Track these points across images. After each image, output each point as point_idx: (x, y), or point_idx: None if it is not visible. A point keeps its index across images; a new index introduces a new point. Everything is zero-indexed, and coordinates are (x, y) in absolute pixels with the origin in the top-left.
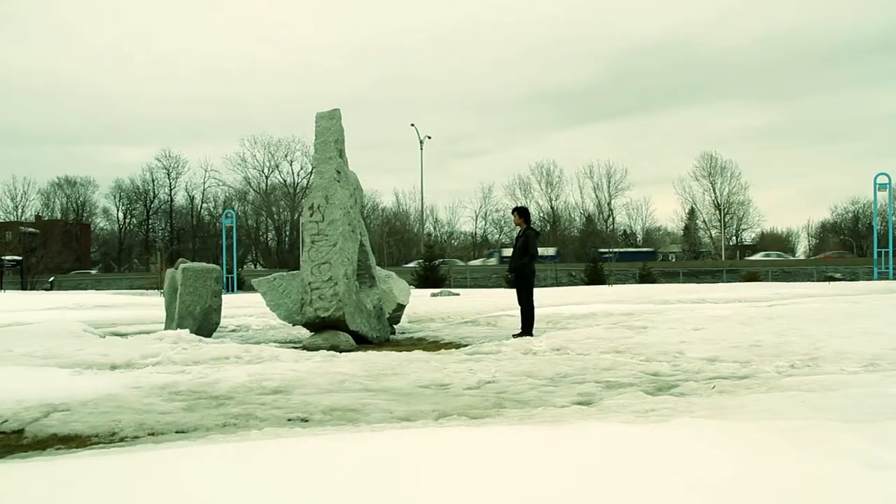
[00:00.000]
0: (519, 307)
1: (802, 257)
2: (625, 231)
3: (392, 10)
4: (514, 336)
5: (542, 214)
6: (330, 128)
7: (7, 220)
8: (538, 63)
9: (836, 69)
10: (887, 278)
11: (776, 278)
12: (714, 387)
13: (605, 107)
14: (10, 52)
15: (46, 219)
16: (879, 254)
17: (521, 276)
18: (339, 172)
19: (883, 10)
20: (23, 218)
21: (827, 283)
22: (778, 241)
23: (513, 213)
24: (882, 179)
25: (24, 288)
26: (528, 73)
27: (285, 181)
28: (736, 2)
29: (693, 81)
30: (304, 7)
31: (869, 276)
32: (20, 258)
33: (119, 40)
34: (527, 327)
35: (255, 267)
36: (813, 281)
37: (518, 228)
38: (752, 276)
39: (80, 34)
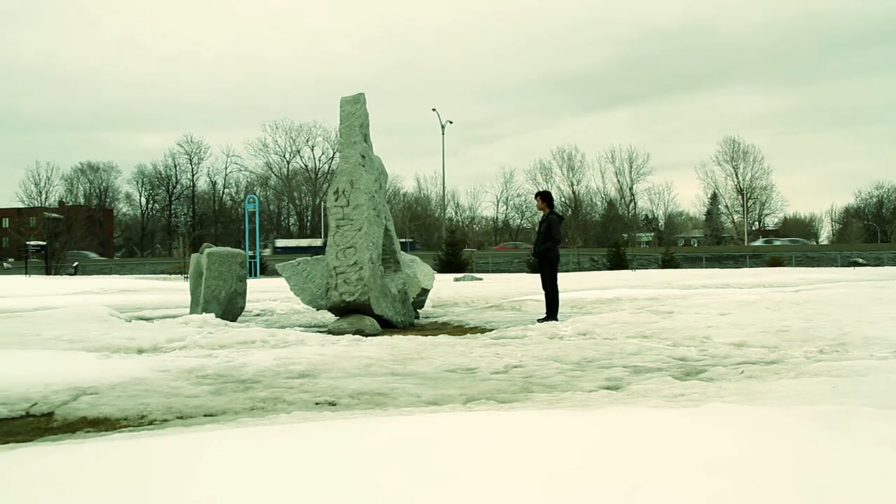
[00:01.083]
0: (543, 291)
1: (826, 242)
2: (646, 216)
3: None
4: (539, 321)
5: (563, 199)
6: (355, 112)
7: (31, 205)
8: (555, 49)
9: (857, 53)
10: None
11: (800, 263)
12: (743, 372)
13: (623, 92)
14: (30, 41)
15: (70, 204)
16: None
17: (546, 260)
18: (363, 157)
19: None
20: (46, 203)
21: (852, 268)
22: (801, 227)
23: (535, 197)
24: None
25: (48, 273)
26: (545, 58)
27: (307, 166)
28: None
29: (712, 66)
30: None
31: (893, 262)
32: (44, 243)
33: (136, 29)
34: (551, 312)
35: (274, 252)
36: (837, 266)
37: (541, 213)
38: (776, 262)
39: (98, 23)
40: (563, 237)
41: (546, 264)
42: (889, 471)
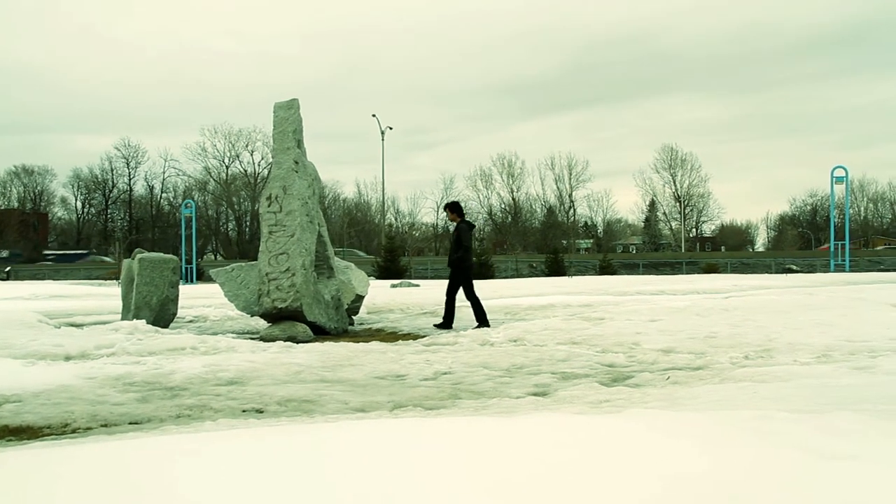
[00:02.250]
0: (446, 299)
1: (762, 249)
2: (585, 223)
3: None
4: (453, 329)
5: (503, 206)
6: (288, 118)
7: None
8: (498, 56)
9: (797, 63)
10: (843, 270)
11: (735, 270)
12: (669, 378)
13: (565, 99)
14: None
15: (3, 208)
16: (836, 246)
17: (460, 269)
18: (297, 163)
19: (843, 4)
20: None
21: (785, 274)
22: (737, 234)
23: (445, 209)
24: (839, 173)
25: None
26: (488, 65)
27: (246, 171)
28: None
29: (653, 74)
30: None
31: (826, 269)
32: None
33: (74, 27)
34: (481, 319)
35: (216, 258)
36: (771, 273)
37: (453, 224)
38: (712, 268)
39: (35, 17)
40: (473, 245)
41: (461, 273)
42: (800, 475)
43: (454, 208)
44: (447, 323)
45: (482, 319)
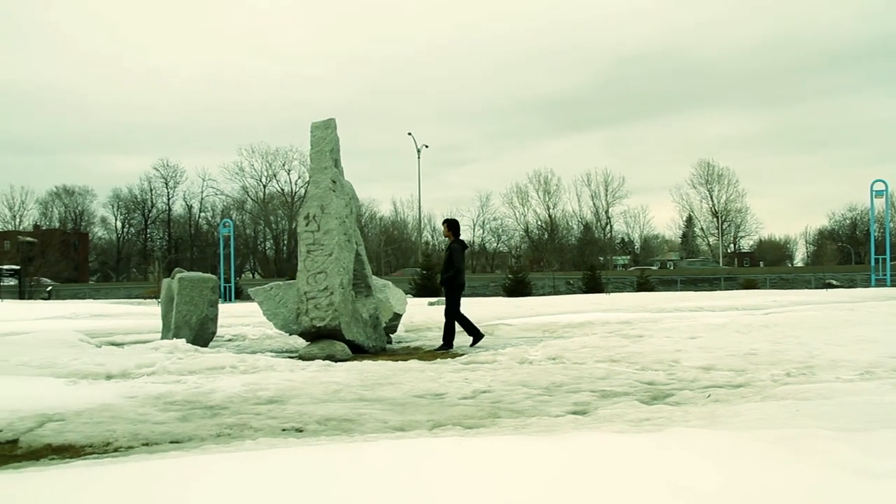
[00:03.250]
0: (446, 320)
1: (801, 265)
2: (622, 239)
3: (382, 22)
4: (436, 349)
5: (539, 223)
6: (325, 137)
7: (5, 229)
8: (527, 73)
9: (829, 76)
10: (884, 285)
11: (774, 285)
12: (709, 396)
13: (595, 115)
14: (4, 61)
15: (45, 228)
16: (877, 261)
17: (449, 288)
18: (334, 182)
19: (874, 17)
20: (21, 227)
21: (825, 290)
22: (776, 249)
23: (443, 224)
24: (879, 186)
25: (21, 297)
26: (517, 83)
27: (283, 190)
28: (721, 10)
29: (683, 89)
30: (295, 18)
31: (867, 283)
32: (18, 267)
33: (111, 50)
34: (447, 340)
35: (254, 276)
36: (811, 288)
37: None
38: (751, 284)
39: (73, 43)
40: (464, 265)
41: (450, 292)
42: (844, 495)
43: (452, 226)
44: (446, 344)
45: (448, 341)
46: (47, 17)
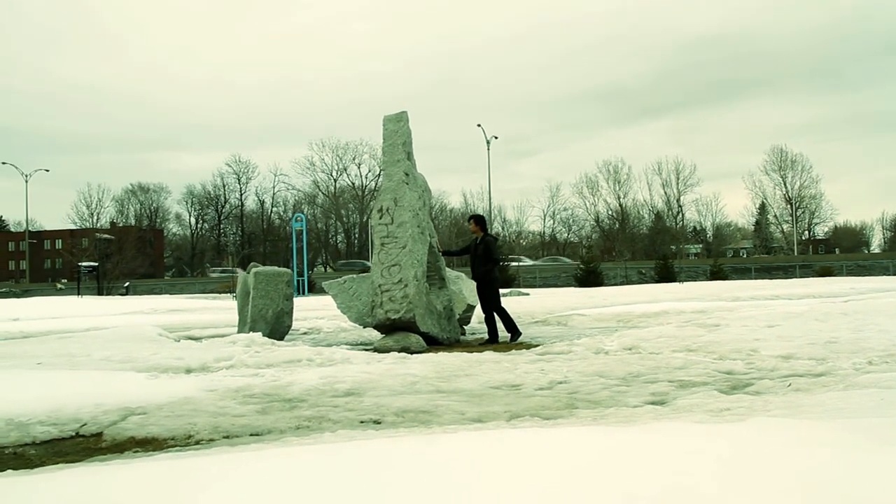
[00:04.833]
0: (483, 315)
1: (878, 251)
2: (694, 228)
3: (444, 15)
4: (481, 343)
5: (610, 212)
6: (397, 130)
7: (83, 227)
8: (591, 61)
9: None
10: None
11: (851, 273)
12: (790, 385)
13: (660, 103)
14: (77, 65)
15: (121, 225)
16: None
17: (486, 282)
18: (407, 175)
19: None
20: (98, 225)
21: None
22: (852, 235)
23: (468, 221)
24: None
25: (100, 293)
26: (581, 72)
27: (353, 184)
28: None
29: (750, 74)
30: (359, 14)
31: None
32: (96, 264)
33: (173, 52)
34: (512, 329)
35: (325, 270)
36: (889, 275)
37: (477, 236)
38: (827, 272)
39: (132, 49)
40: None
41: (488, 286)
42: None
43: (479, 221)
44: (514, 333)
45: (513, 329)
46: (98, 20)
